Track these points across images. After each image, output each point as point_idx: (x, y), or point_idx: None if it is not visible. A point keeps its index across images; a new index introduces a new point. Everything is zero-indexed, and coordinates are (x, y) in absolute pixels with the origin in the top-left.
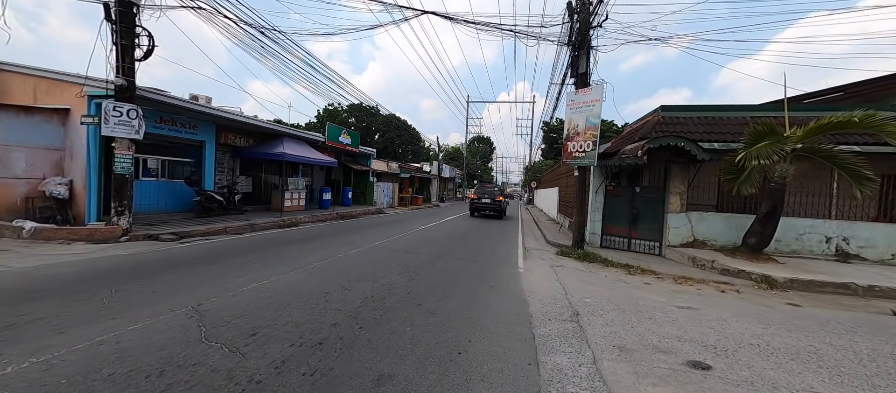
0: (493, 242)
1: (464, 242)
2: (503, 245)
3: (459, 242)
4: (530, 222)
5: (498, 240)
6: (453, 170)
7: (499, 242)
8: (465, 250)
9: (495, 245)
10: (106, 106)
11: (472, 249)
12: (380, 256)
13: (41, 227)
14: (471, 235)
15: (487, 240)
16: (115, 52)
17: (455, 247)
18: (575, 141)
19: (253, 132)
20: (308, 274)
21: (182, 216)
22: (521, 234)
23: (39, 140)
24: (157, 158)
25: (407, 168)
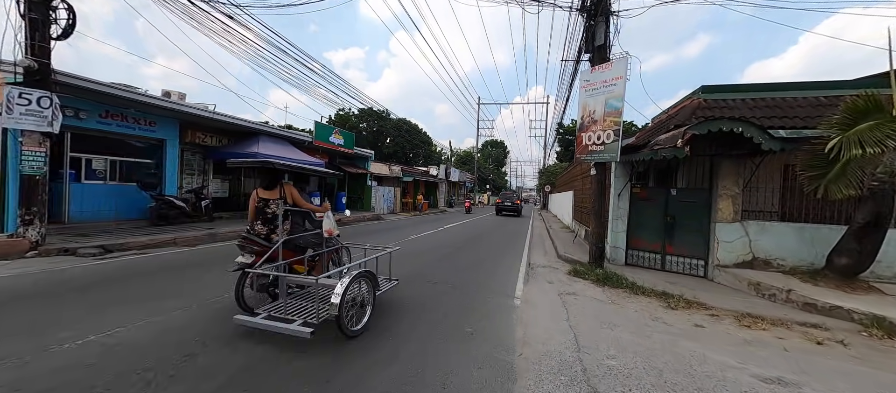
0: (492, 256)
1: (455, 256)
2: (503, 260)
3: (450, 255)
4: (541, 230)
5: (498, 252)
6: (463, 174)
7: (498, 256)
8: (452, 268)
9: (493, 260)
10: (10, 93)
11: (462, 266)
12: None
13: None
14: (468, 246)
15: (485, 252)
16: (24, 28)
17: (441, 263)
18: (591, 131)
19: (226, 130)
20: (189, 317)
21: (133, 225)
22: (527, 244)
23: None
24: (105, 158)
25: (411, 171)
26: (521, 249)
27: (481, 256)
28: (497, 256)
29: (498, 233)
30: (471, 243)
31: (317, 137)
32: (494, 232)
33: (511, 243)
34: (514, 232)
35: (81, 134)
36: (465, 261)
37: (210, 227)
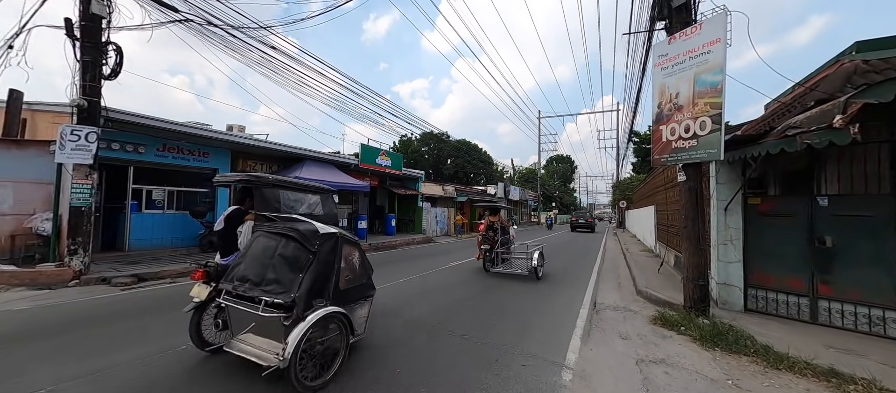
0: (543, 290)
1: (493, 290)
2: (557, 294)
3: (488, 289)
4: (614, 251)
5: (552, 284)
6: (525, 192)
7: (552, 290)
8: (485, 309)
9: (543, 296)
10: (63, 130)
11: (498, 306)
12: None
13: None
14: (511, 275)
15: (535, 284)
16: (79, 71)
17: (473, 301)
18: (675, 121)
19: (274, 157)
20: (139, 372)
21: (186, 252)
22: (596, 270)
23: (30, 174)
24: (164, 189)
25: (465, 191)
26: (587, 278)
27: (528, 290)
28: (549, 290)
29: (558, 255)
30: None
31: (363, 160)
32: (553, 255)
33: (574, 268)
34: (580, 251)
35: (142, 167)
36: (504, 297)
37: None
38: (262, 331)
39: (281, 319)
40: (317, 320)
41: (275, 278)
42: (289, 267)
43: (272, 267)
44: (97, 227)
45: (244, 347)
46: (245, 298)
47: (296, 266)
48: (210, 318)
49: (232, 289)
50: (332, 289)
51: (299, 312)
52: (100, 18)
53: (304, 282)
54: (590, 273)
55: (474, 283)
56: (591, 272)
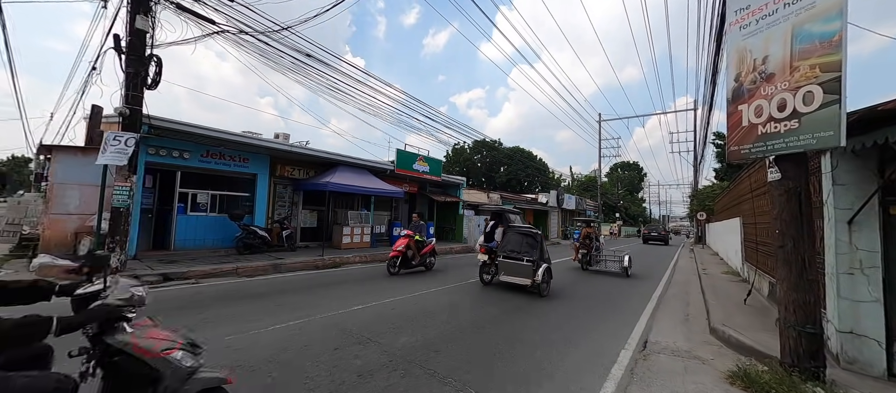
0: (578, 315)
1: (514, 314)
2: (596, 325)
3: (509, 313)
4: (687, 271)
5: (591, 309)
6: (582, 201)
7: (589, 317)
8: (490, 343)
9: (576, 326)
10: (107, 136)
11: (510, 338)
12: (312, 341)
13: (48, 263)
14: (543, 298)
15: (567, 309)
16: (124, 81)
17: (482, 328)
18: (762, 97)
19: (311, 162)
20: None
21: (225, 253)
22: (656, 297)
23: (93, 178)
24: (207, 192)
25: (512, 198)
26: (641, 304)
27: (556, 313)
28: (587, 313)
29: (605, 276)
30: (552, 295)
31: (399, 165)
32: (599, 277)
33: (627, 289)
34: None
35: (188, 172)
36: (523, 321)
37: (278, 257)
38: (519, 272)
39: (531, 267)
40: (546, 268)
41: (526, 250)
42: (530, 245)
43: (523, 245)
44: (149, 226)
45: (511, 279)
46: (512, 259)
47: (533, 245)
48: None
49: (504, 256)
50: (545, 256)
51: (538, 263)
52: (143, 33)
53: (538, 251)
54: (648, 297)
55: (493, 302)
56: (649, 296)
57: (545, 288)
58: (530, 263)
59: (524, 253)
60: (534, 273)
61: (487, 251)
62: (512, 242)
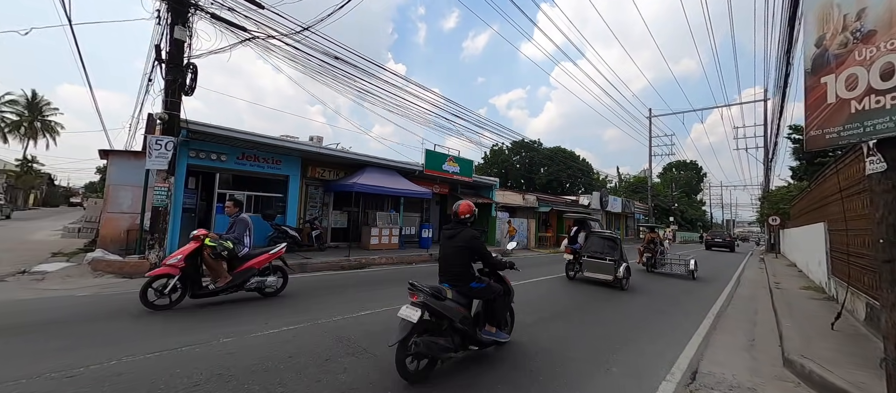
0: (612, 332)
1: (532, 330)
2: (633, 342)
3: (525, 327)
4: (755, 287)
5: (632, 324)
6: (630, 203)
7: (626, 335)
8: (490, 374)
9: (605, 347)
10: (149, 141)
11: (518, 365)
12: (286, 350)
13: (99, 257)
14: (575, 312)
15: (604, 325)
16: (164, 89)
17: (479, 365)
18: (855, 63)
19: (341, 164)
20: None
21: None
22: (714, 313)
23: (143, 179)
24: (244, 193)
25: (549, 200)
26: (693, 322)
27: (582, 328)
28: (621, 328)
29: (658, 278)
30: (586, 307)
31: (427, 166)
32: (654, 279)
33: (682, 299)
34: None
35: (225, 173)
36: (538, 338)
37: (307, 257)
38: (602, 269)
39: (614, 265)
40: (626, 266)
41: (608, 251)
42: (611, 248)
43: (605, 247)
44: (192, 225)
45: (594, 275)
46: (596, 258)
47: (614, 247)
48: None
49: (588, 256)
50: (624, 257)
51: (619, 262)
52: (181, 43)
53: (618, 253)
54: (704, 310)
55: (519, 309)
56: (706, 310)
57: (626, 283)
58: (613, 261)
59: (607, 253)
60: (615, 270)
61: (572, 252)
62: (595, 245)
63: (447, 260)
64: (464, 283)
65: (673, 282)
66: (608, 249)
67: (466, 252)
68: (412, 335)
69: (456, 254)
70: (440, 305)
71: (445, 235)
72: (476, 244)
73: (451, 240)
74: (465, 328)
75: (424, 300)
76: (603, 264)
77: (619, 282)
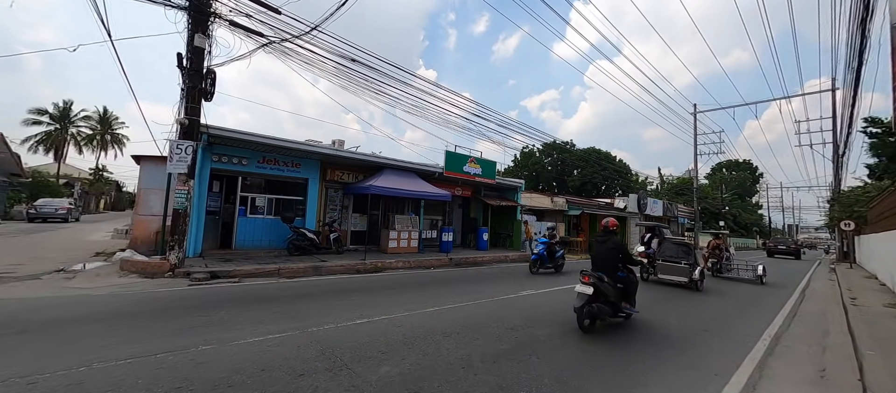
0: (646, 352)
1: (544, 346)
2: (668, 371)
3: (538, 342)
4: (826, 303)
5: (668, 344)
6: (673, 206)
7: (658, 357)
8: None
9: (633, 374)
10: (171, 145)
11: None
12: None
13: (127, 257)
14: (653, 304)
15: (632, 341)
16: (184, 95)
17: (490, 364)
18: None
19: (360, 166)
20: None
21: (277, 253)
22: (771, 334)
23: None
24: (265, 196)
25: (580, 203)
26: (745, 346)
27: (603, 347)
28: (654, 348)
29: (712, 288)
30: (665, 304)
31: (447, 167)
32: (706, 290)
33: (733, 314)
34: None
35: (247, 177)
36: (550, 357)
37: (324, 259)
38: (678, 272)
39: (689, 268)
40: (701, 269)
41: (682, 256)
42: (685, 252)
43: (679, 252)
44: (216, 227)
45: (669, 278)
46: (671, 262)
47: (687, 252)
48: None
49: (663, 260)
50: (697, 261)
51: (693, 265)
52: (201, 50)
53: (692, 257)
54: (759, 333)
55: (529, 325)
56: (762, 331)
57: (701, 284)
58: (688, 265)
59: (681, 258)
60: (690, 273)
61: (646, 256)
62: (669, 250)
63: (602, 257)
64: (613, 273)
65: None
66: (682, 254)
67: (615, 252)
68: (588, 303)
69: (608, 253)
70: (602, 285)
71: (599, 240)
72: (622, 248)
73: (603, 244)
74: (615, 302)
75: (594, 282)
76: (678, 267)
77: (694, 283)
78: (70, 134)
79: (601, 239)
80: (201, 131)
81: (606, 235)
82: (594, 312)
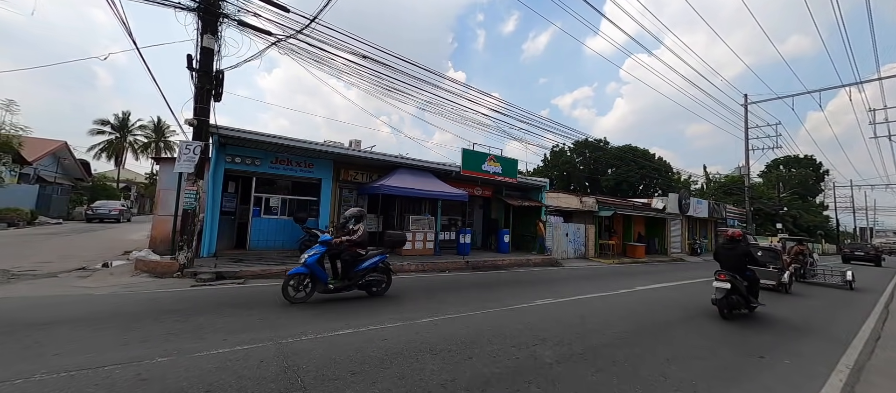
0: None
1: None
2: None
3: (539, 370)
4: None
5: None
6: (721, 207)
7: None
8: None
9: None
10: (180, 146)
11: None
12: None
13: (142, 257)
14: (627, 344)
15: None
16: (194, 95)
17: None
18: None
19: (373, 166)
20: None
21: (290, 254)
22: (844, 368)
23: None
24: (278, 197)
25: (612, 203)
26: (836, 352)
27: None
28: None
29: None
30: (650, 337)
31: (465, 166)
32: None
33: (787, 336)
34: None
35: (261, 177)
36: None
37: None
38: (766, 276)
39: (778, 272)
40: (790, 272)
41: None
42: (772, 257)
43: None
44: (232, 228)
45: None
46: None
47: (775, 257)
48: None
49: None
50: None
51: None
52: (210, 51)
53: (780, 261)
54: (857, 329)
55: (536, 341)
56: (839, 353)
57: (790, 287)
58: (777, 269)
59: (770, 262)
60: (779, 276)
61: None
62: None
63: (730, 260)
64: (741, 272)
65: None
66: (770, 259)
67: (743, 256)
68: (726, 296)
69: (737, 258)
70: (736, 282)
71: (726, 247)
72: (748, 253)
73: (731, 250)
74: (745, 296)
75: (730, 279)
76: (767, 272)
77: (783, 286)
78: (128, 142)
79: (729, 246)
80: (212, 132)
81: (733, 242)
82: (733, 303)
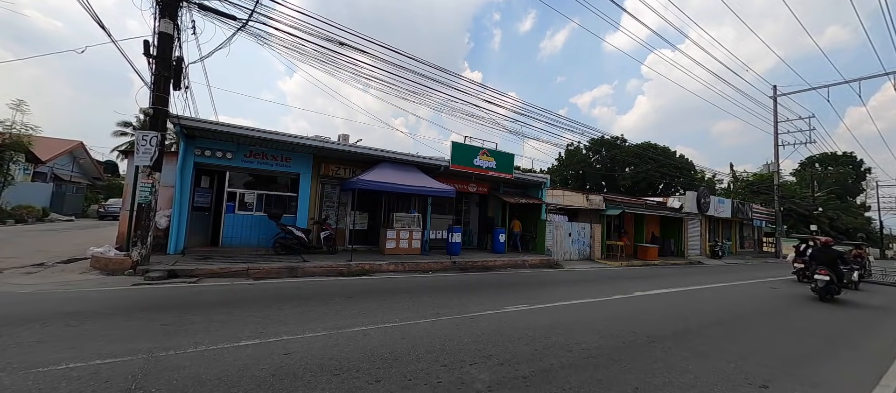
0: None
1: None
2: None
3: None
4: None
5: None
6: (747, 207)
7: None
8: None
9: None
10: (137, 137)
11: None
12: None
13: (98, 254)
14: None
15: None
16: (152, 83)
17: None
18: None
19: (357, 160)
20: None
21: (264, 252)
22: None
23: (168, 179)
24: (254, 192)
25: (621, 201)
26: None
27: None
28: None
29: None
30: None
31: (455, 161)
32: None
33: (814, 358)
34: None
35: (233, 171)
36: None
37: (306, 259)
38: None
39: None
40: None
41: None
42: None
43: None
44: (206, 224)
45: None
46: None
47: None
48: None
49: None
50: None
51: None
52: (169, 37)
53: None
54: None
55: (502, 361)
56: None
57: (858, 285)
58: (847, 269)
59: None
60: (850, 275)
61: (802, 262)
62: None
63: (825, 260)
64: (835, 269)
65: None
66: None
67: (836, 258)
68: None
69: (831, 260)
70: (833, 275)
71: (821, 251)
72: (840, 254)
73: (826, 253)
74: (838, 285)
75: (829, 272)
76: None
77: (853, 284)
78: None
79: (824, 250)
80: (173, 122)
81: (826, 248)
82: (832, 290)
